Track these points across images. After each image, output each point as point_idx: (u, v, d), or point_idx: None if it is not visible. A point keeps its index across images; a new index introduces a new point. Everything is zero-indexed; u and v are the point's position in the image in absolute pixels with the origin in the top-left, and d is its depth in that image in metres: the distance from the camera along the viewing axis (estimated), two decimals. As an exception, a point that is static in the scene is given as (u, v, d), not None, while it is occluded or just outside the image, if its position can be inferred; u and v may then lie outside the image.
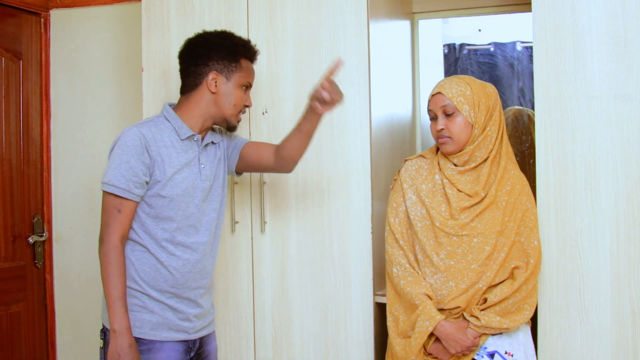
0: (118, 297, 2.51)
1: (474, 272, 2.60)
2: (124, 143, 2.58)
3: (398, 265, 2.74)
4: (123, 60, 4.08)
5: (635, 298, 2.63)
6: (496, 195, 2.63)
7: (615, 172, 2.66)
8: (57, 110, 4.19)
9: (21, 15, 4.00)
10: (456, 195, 2.66)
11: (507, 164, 2.69)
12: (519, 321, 2.58)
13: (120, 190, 2.55)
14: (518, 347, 2.61)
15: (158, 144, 2.63)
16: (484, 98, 2.66)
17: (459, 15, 3.78)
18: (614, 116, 2.66)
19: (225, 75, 2.71)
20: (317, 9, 3.14)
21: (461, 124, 2.64)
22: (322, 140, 3.13)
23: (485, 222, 2.61)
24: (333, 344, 3.14)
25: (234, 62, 2.73)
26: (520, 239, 2.63)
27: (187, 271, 2.68)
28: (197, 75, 2.72)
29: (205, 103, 2.72)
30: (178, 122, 2.69)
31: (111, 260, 2.53)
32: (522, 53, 4.37)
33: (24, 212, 4.00)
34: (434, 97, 2.70)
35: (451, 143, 2.66)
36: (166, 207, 2.63)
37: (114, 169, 2.56)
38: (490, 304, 2.57)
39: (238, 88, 2.74)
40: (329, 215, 3.14)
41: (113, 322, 2.50)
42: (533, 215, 2.67)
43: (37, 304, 4.09)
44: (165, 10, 3.36)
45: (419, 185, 2.75)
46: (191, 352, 2.74)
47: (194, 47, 2.77)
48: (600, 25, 2.68)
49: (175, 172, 2.64)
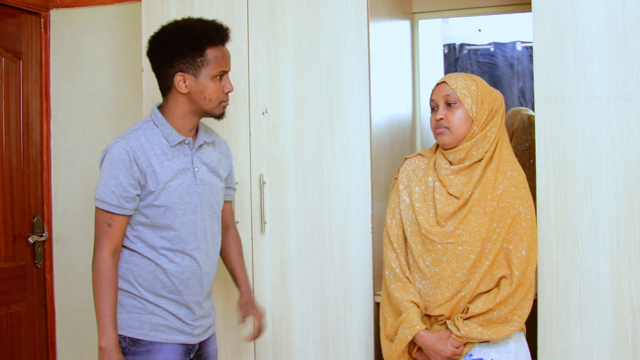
0: (108, 313, 2.50)
1: (459, 281, 2.58)
2: (111, 158, 2.54)
3: (389, 269, 2.75)
4: (123, 60, 4.08)
5: (635, 298, 2.63)
6: (481, 199, 2.60)
7: (615, 172, 2.66)
8: (57, 110, 4.19)
9: (21, 15, 4.00)
10: (444, 201, 2.63)
11: (503, 165, 2.64)
12: (504, 332, 2.54)
13: (110, 206, 2.53)
14: (507, 355, 2.58)
15: (148, 154, 2.57)
16: (489, 98, 2.65)
17: (459, 15, 3.79)
18: (614, 116, 2.66)
19: (192, 73, 2.59)
20: (317, 9, 3.14)
21: (461, 117, 2.62)
22: (322, 140, 3.13)
23: (470, 230, 2.58)
24: (333, 344, 3.14)
25: (198, 56, 2.59)
26: (509, 246, 2.58)
27: (186, 278, 2.65)
28: (165, 77, 2.64)
29: (181, 104, 2.63)
30: (167, 128, 2.63)
31: (102, 275, 2.51)
32: (522, 53, 4.37)
33: (24, 212, 4.00)
34: (438, 86, 2.69)
35: (448, 134, 2.63)
36: (162, 216, 2.60)
37: (104, 185, 2.54)
38: (471, 315, 2.55)
39: (210, 81, 2.61)
40: (329, 215, 3.14)
41: (101, 339, 2.49)
42: (526, 222, 2.60)
43: (37, 304, 4.08)
44: (165, 10, 3.36)
45: (412, 187, 2.74)
46: (191, 353, 2.73)
47: (156, 49, 2.66)
48: (601, 25, 2.67)
49: (169, 180, 2.59)
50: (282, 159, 3.21)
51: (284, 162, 3.21)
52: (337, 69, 3.11)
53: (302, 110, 3.17)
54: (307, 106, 3.16)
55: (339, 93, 3.11)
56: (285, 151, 3.21)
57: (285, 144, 3.21)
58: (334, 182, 3.13)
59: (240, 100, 3.22)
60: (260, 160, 3.24)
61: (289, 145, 3.20)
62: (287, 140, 3.21)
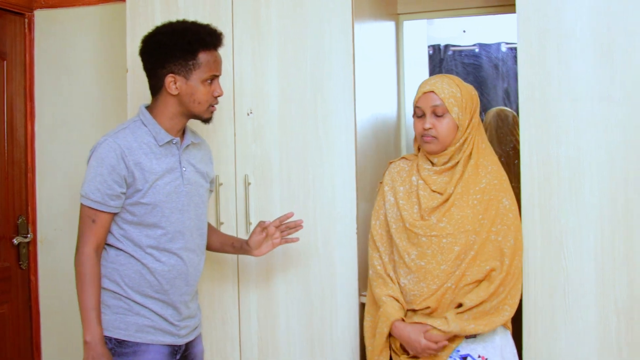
0: (92, 308, 2.51)
1: (444, 273, 2.60)
2: (99, 155, 2.56)
3: (372, 267, 2.79)
4: (108, 60, 4.06)
5: (619, 299, 2.64)
6: (464, 193, 2.63)
7: (599, 173, 2.67)
8: (41, 111, 4.17)
9: (5, 15, 3.97)
10: (427, 196, 2.67)
11: (483, 160, 2.68)
12: (496, 322, 2.57)
13: (95, 203, 2.55)
14: (493, 350, 2.60)
15: (136, 152, 2.58)
16: (470, 101, 2.68)
17: (443, 16, 3.80)
18: (598, 118, 2.67)
19: (183, 75, 2.61)
20: (302, 9, 3.14)
21: (449, 126, 2.64)
22: (308, 140, 3.13)
23: (454, 222, 2.61)
24: (319, 344, 3.14)
25: (190, 59, 2.61)
26: (498, 237, 2.61)
27: (172, 277, 2.66)
28: (156, 78, 2.66)
29: (171, 105, 2.65)
30: (155, 128, 2.64)
31: (85, 271, 2.53)
32: (507, 54, 4.40)
33: (8, 213, 3.98)
34: (425, 94, 2.67)
35: (437, 143, 2.65)
36: (149, 214, 2.61)
37: (89, 182, 2.55)
38: (466, 308, 2.56)
39: (201, 84, 2.63)
40: (314, 215, 3.14)
41: (86, 333, 2.50)
42: (512, 212, 2.65)
43: (21, 306, 4.06)
44: (149, 10, 3.35)
45: (397, 187, 2.77)
46: (177, 354, 2.73)
47: (149, 50, 2.68)
48: (585, 27, 2.68)
49: (156, 178, 2.61)
50: (267, 160, 3.21)
51: (268, 162, 3.21)
52: (322, 69, 3.11)
53: (286, 110, 3.17)
54: (292, 106, 3.16)
55: (323, 93, 3.11)
56: (270, 152, 3.20)
57: (270, 144, 3.20)
58: (319, 182, 3.13)
59: (225, 100, 3.21)
60: (245, 161, 3.24)
61: (274, 145, 3.20)
62: (272, 140, 3.20)
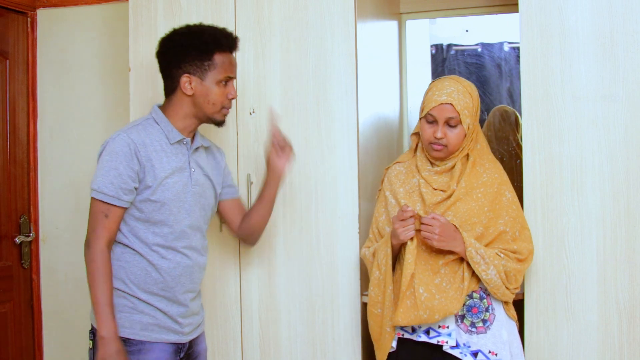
0: (105, 303, 2.51)
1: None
2: (112, 149, 2.57)
3: (365, 249, 2.85)
4: (110, 60, 4.06)
5: (621, 298, 2.64)
6: (467, 187, 2.64)
7: (601, 172, 2.67)
8: (44, 110, 4.17)
9: (8, 14, 3.98)
10: (430, 193, 2.67)
11: (479, 159, 2.69)
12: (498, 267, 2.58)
13: (108, 197, 2.54)
14: (502, 346, 2.59)
15: (148, 148, 2.60)
16: (478, 107, 2.69)
17: (446, 15, 3.79)
18: (600, 117, 2.67)
19: (199, 75, 2.65)
20: (305, 9, 3.14)
21: (460, 135, 2.64)
22: (309, 140, 3.13)
23: (460, 216, 2.61)
24: (320, 344, 3.14)
25: (206, 60, 2.65)
26: (506, 229, 2.62)
27: (177, 274, 2.67)
28: (172, 78, 2.69)
29: (185, 105, 2.68)
30: (168, 126, 2.67)
31: (98, 266, 2.53)
32: (510, 54, 4.39)
33: (10, 212, 3.98)
34: (442, 106, 2.61)
35: (446, 151, 2.66)
36: (157, 212, 2.62)
37: (103, 176, 2.55)
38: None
39: (215, 85, 2.67)
40: (316, 215, 3.14)
41: (100, 328, 2.50)
42: (515, 204, 2.67)
43: (23, 305, 4.07)
44: (152, 9, 3.35)
45: (397, 189, 2.77)
46: (181, 352, 2.73)
47: (165, 50, 2.71)
48: (587, 26, 2.69)
49: (166, 176, 2.62)
50: (270, 159, 3.20)
51: (271, 162, 3.20)
52: (325, 69, 3.11)
53: (289, 110, 3.17)
54: (294, 106, 3.16)
55: (326, 93, 3.11)
56: (272, 151, 3.20)
57: (272, 144, 3.20)
58: (321, 182, 3.13)
59: (228, 100, 3.21)
60: (247, 161, 3.24)
61: (277, 145, 3.19)
62: (275, 140, 3.20)
